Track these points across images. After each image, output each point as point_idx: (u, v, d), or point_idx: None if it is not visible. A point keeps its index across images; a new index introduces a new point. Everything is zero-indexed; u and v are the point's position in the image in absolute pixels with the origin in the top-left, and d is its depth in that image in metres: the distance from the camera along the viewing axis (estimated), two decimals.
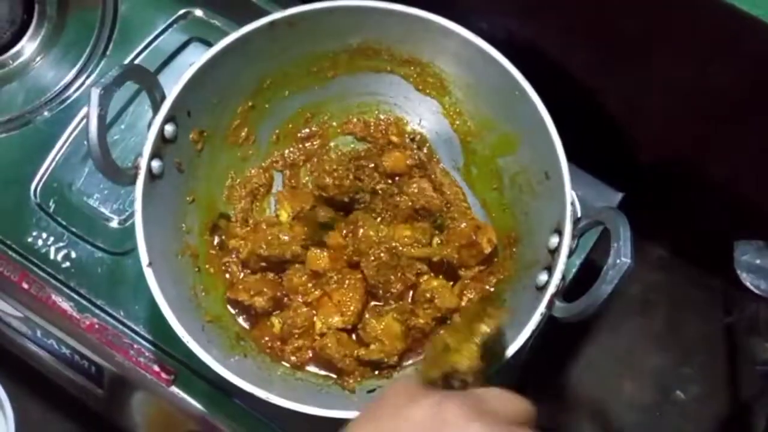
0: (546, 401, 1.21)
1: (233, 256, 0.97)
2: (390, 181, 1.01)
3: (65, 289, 1.00)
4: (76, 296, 1.00)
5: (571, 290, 0.85)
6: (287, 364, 0.94)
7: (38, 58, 1.10)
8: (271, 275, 0.97)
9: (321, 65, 0.99)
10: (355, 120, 1.04)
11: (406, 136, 1.03)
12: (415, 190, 0.99)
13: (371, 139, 1.03)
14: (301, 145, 1.03)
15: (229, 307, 0.96)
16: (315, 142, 1.04)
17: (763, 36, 0.83)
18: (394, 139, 1.02)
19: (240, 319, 0.96)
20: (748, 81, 0.92)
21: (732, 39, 0.87)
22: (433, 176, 1.01)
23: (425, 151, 1.03)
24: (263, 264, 0.96)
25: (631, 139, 1.11)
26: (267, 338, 0.95)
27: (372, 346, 0.92)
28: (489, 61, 0.92)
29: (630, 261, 0.77)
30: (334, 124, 1.04)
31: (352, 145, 1.04)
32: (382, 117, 1.04)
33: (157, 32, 1.10)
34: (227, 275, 0.97)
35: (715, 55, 0.92)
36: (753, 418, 1.12)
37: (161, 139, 0.90)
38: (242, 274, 0.97)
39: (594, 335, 1.24)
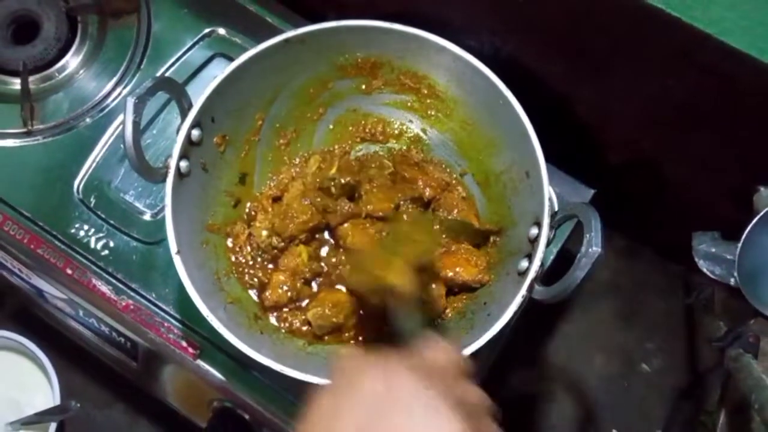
0: (526, 373, 1.21)
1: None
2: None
3: (104, 275, 1.00)
4: (113, 280, 1.00)
5: (548, 275, 0.86)
6: (300, 340, 0.94)
7: (81, 71, 1.09)
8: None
9: (330, 77, 1.00)
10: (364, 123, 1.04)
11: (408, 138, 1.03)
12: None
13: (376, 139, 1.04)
14: None
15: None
16: None
17: (715, 51, 0.83)
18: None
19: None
20: (702, 92, 0.92)
21: (689, 54, 0.87)
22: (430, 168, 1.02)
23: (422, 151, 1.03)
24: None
25: (601, 142, 1.11)
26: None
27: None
28: (476, 74, 0.92)
29: (600, 250, 0.77)
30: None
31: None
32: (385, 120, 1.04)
33: (185, 48, 1.09)
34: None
35: (673, 69, 0.92)
36: (708, 388, 1.12)
37: (188, 142, 0.89)
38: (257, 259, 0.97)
39: (568, 315, 1.24)
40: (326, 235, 0.98)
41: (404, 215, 0.96)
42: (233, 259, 0.96)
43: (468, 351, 0.82)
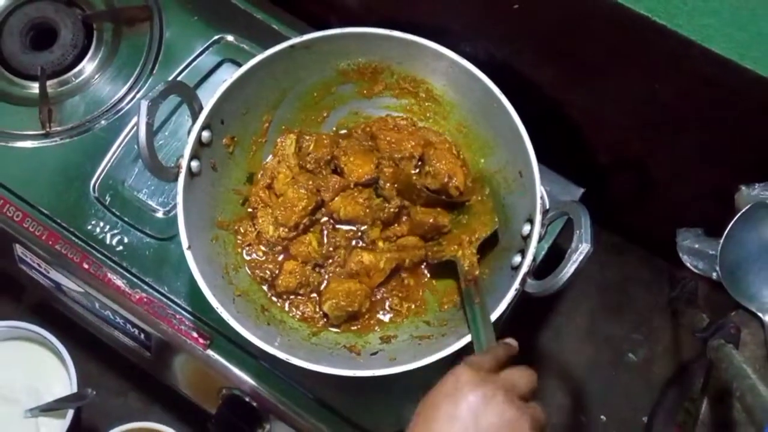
0: (519, 362, 1.21)
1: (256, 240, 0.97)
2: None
3: (119, 269, 1.00)
4: (128, 275, 1.00)
5: (540, 270, 0.86)
6: (306, 328, 0.94)
7: (96, 76, 1.10)
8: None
9: (334, 82, 1.00)
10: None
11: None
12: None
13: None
14: None
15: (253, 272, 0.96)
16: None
17: (700, 58, 0.83)
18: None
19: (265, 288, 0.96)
20: (688, 95, 0.93)
21: (675, 61, 0.87)
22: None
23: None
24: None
25: (591, 144, 1.11)
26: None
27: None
28: (472, 79, 0.92)
29: (589, 245, 0.77)
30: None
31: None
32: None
33: (195, 54, 1.09)
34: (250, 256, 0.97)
35: (660, 74, 0.92)
36: (692, 377, 1.12)
37: (199, 143, 0.90)
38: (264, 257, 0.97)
39: (559, 307, 1.24)
40: (323, 218, 0.99)
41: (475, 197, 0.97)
42: (247, 257, 0.96)
43: (464, 341, 0.83)
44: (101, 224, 1.02)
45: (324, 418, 0.96)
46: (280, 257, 0.96)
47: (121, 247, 1.01)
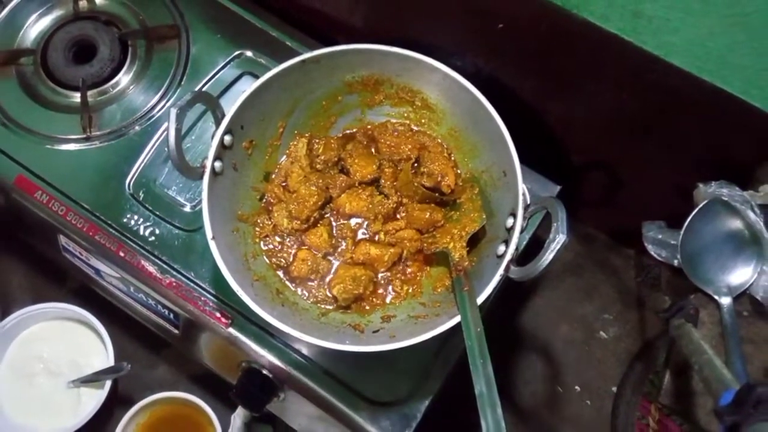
0: (504, 340, 1.22)
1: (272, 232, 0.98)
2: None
3: (151, 257, 1.00)
4: (159, 262, 1.00)
5: (522, 258, 0.86)
6: (315, 308, 0.94)
7: (131, 87, 1.10)
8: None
9: (340, 92, 1.00)
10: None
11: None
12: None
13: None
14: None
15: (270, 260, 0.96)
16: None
17: (663, 71, 0.83)
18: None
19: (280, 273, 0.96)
20: (650, 104, 0.93)
21: (640, 74, 0.87)
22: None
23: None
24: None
25: (567, 146, 1.11)
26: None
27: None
28: (462, 89, 0.92)
29: (565, 236, 0.77)
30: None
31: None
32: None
33: (218, 68, 1.09)
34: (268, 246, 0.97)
35: (627, 85, 0.92)
36: (656, 352, 1.12)
37: (221, 146, 0.90)
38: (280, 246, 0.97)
39: (539, 291, 1.24)
40: (331, 212, 0.99)
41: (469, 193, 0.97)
42: (264, 246, 0.96)
43: (454, 321, 0.83)
44: (135, 217, 1.02)
45: (331, 387, 0.96)
46: (294, 246, 0.96)
47: (153, 238, 1.01)
